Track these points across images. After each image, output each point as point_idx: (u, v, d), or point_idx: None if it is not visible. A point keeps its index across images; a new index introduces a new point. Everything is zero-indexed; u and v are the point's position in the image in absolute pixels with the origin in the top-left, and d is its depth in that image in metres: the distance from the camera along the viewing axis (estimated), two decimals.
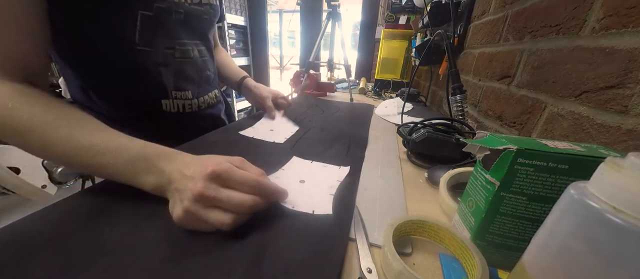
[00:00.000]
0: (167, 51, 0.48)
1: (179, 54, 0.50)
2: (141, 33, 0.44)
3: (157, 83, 0.49)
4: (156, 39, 0.46)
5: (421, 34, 1.15)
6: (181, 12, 0.48)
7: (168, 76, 0.50)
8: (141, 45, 0.44)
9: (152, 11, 0.43)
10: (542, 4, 0.46)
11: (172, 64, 0.50)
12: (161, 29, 0.46)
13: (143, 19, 0.43)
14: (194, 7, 0.50)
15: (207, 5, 0.54)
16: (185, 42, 0.51)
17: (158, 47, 0.47)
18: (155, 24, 0.44)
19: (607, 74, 0.33)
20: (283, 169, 0.40)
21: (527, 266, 0.18)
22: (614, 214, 0.13)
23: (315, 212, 0.30)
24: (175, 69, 0.50)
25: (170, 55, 0.49)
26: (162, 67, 0.48)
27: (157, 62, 0.47)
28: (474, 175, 0.26)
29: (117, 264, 0.22)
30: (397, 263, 0.22)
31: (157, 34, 0.46)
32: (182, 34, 0.50)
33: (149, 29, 0.44)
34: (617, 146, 0.31)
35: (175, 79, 0.51)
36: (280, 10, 4.55)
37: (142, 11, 0.42)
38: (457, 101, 0.60)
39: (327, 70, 1.39)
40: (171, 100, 0.52)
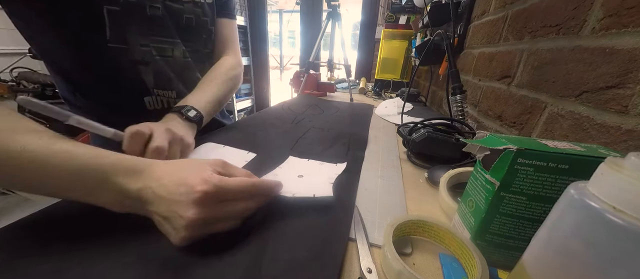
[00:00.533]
0: (144, 48, 0.45)
1: (156, 52, 0.47)
2: (112, 29, 0.41)
3: (137, 82, 0.47)
4: (129, 36, 0.43)
5: (421, 34, 1.15)
6: (158, 7, 0.45)
7: (148, 75, 0.47)
8: (113, 42, 0.42)
9: (118, 5, 0.40)
10: (542, 4, 0.46)
11: (152, 62, 0.47)
12: (133, 24, 0.43)
13: (110, 14, 0.40)
14: (172, 5, 0.47)
15: (190, 4, 0.50)
16: (162, 39, 0.48)
17: (133, 43, 0.44)
18: (126, 19, 0.42)
19: (607, 74, 0.33)
20: (280, 167, 0.40)
21: (527, 266, 0.18)
22: (614, 214, 0.13)
23: (317, 195, 0.30)
24: (155, 68, 0.48)
25: (148, 53, 0.46)
26: (141, 66, 0.46)
27: (135, 60, 0.45)
28: (474, 175, 0.26)
29: (116, 265, 0.22)
30: (397, 263, 0.22)
31: (129, 30, 0.43)
32: (160, 31, 0.47)
33: (119, 24, 0.41)
34: (617, 146, 0.31)
35: (155, 78, 0.48)
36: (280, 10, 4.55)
37: (107, 6, 0.39)
38: (457, 101, 0.60)
39: (327, 70, 1.40)
40: (154, 97, 0.49)
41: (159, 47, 0.47)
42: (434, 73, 1.11)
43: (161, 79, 0.49)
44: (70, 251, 0.23)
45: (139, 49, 0.45)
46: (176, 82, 0.52)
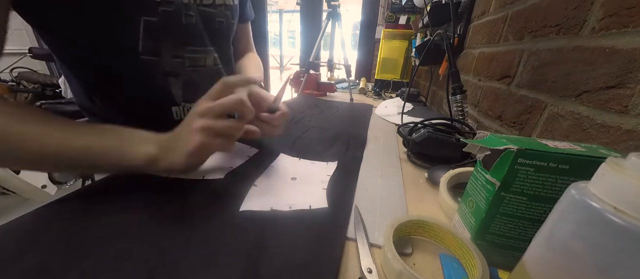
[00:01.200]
0: (176, 60, 0.44)
1: (189, 62, 0.46)
2: (145, 41, 0.39)
3: (165, 93, 0.45)
4: (163, 47, 0.42)
5: (421, 34, 1.15)
6: (192, 15, 0.43)
7: (177, 87, 0.46)
8: (145, 54, 0.40)
9: (156, 16, 0.39)
10: (542, 4, 0.46)
11: (182, 73, 0.46)
12: (168, 35, 0.41)
13: (146, 25, 0.38)
14: (205, 9, 0.45)
15: (222, 7, 0.48)
16: (196, 49, 0.46)
17: (165, 55, 0.42)
18: (161, 30, 0.40)
19: (607, 74, 0.33)
20: (272, 166, 0.41)
21: (528, 266, 0.18)
22: (614, 214, 0.13)
23: (312, 207, 0.31)
24: (184, 79, 0.46)
25: (180, 64, 0.45)
26: (170, 78, 0.44)
27: (165, 72, 0.43)
28: (474, 175, 0.26)
29: (112, 265, 0.22)
30: (397, 263, 0.22)
31: (164, 41, 0.41)
32: (194, 40, 0.45)
33: (154, 36, 0.40)
34: (617, 146, 0.31)
35: (184, 91, 0.47)
36: (280, 10, 4.55)
37: (145, 17, 0.38)
38: (457, 101, 0.60)
39: (327, 70, 1.40)
40: (180, 107, 0.48)
41: (192, 57, 0.46)
42: (434, 73, 1.11)
43: (190, 91, 0.48)
44: (68, 250, 0.23)
45: (171, 60, 0.43)
46: (204, 93, 0.51)
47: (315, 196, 0.33)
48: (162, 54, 0.42)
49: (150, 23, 0.38)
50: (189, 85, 0.47)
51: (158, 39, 0.41)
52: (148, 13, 0.38)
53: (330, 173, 0.39)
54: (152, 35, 0.39)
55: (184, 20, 0.42)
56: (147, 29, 0.39)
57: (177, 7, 0.41)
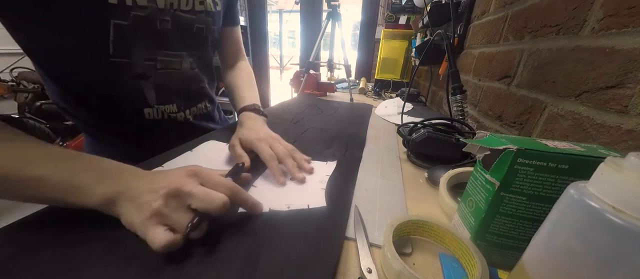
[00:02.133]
0: (147, 63, 0.44)
1: (161, 65, 0.45)
2: (115, 43, 0.39)
3: (137, 95, 0.45)
4: (134, 50, 0.41)
5: (421, 34, 1.15)
6: (167, 20, 0.42)
7: (149, 89, 0.46)
8: (116, 56, 0.40)
9: (127, 20, 0.38)
10: (542, 4, 0.46)
11: (153, 76, 0.45)
12: (140, 39, 0.41)
13: (117, 28, 0.38)
14: (184, 15, 0.45)
15: (202, 13, 0.47)
16: (170, 53, 0.46)
17: (136, 58, 0.42)
18: (133, 33, 0.40)
19: (607, 74, 0.33)
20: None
21: (527, 266, 0.18)
22: (614, 214, 0.13)
23: (311, 206, 0.31)
24: (156, 81, 0.46)
25: (151, 67, 0.44)
26: (142, 80, 0.44)
27: (136, 74, 0.43)
28: (474, 175, 0.26)
29: (115, 263, 0.22)
30: (397, 263, 0.22)
31: (135, 44, 0.41)
32: (168, 45, 0.45)
33: (124, 39, 0.39)
34: (617, 146, 0.31)
35: (157, 93, 0.47)
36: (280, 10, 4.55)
37: (115, 21, 0.37)
38: (457, 101, 0.60)
39: (327, 70, 1.40)
40: (154, 109, 0.48)
41: (165, 61, 0.46)
42: (434, 73, 1.11)
43: (162, 93, 0.48)
44: (68, 250, 0.23)
45: (142, 63, 0.43)
46: (178, 95, 0.51)
47: (313, 195, 0.33)
48: (133, 56, 0.42)
49: (121, 26, 0.38)
50: (161, 88, 0.47)
51: (129, 42, 0.40)
52: (118, 17, 0.37)
53: (329, 173, 0.39)
54: (122, 38, 0.39)
55: (159, 25, 0.42)
56: (117, 32, 0.38)
57: (151, 12, 0.40)
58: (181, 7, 0.44)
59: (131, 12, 0.38)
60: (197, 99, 0.56)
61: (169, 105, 0.50)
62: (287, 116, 0.73)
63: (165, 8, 0.42)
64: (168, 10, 0.42)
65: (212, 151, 0.45)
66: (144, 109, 0.47)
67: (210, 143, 0.48)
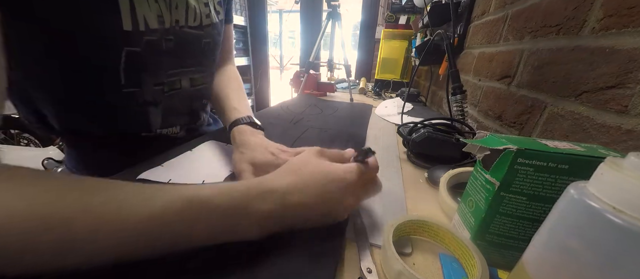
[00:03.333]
0: (157, 88, 0.41)
1: (168, 87, 0.43)
2: (126, 73, 0.36)
3: (141, 122, 0.43)
4: (145, 77, 0.39)
5: (421, 34, 1.15)
6: (171, 39, 0.40)
7: (156, 115, 0.43)
8: (128, 87, 0.37)
9: (140, 46, 0.36)
10: (542, 4, 0.46)
11: (163, 101, 0.43)
12: (150, 64, 0.39)
13: (129, 55, 0.35)
14: (190, 32, 0.42)
15: (209, 27, 0.45)
16: (173, 72, 0.43)
17: (147, 85, 0.40)
18: (144, 59, 0.37)
19: (607, 74, 0.33)
20: None
21: (527, 266, 0.18)
22: (613, 214, 0.13)
23: None
24: (165, 106, 0.44)
25: (160, 92, 0.42)
26: (150, 107, 0.42)
27: (145, 101, 0.41)
28: (474, 175, 0.26)
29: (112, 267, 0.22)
30: (397, 263, 0.22)
31: (146, 69, 0.39)
32: (171, 64, 0.43)
33: (136, 66, 0.37)
34: (617, 146, 0.31)
35: (163, 117, 0.45)
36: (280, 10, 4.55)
37: (128, 48, 0.35)
38: (457, 101, 0.60)
39: (327, 70, 1.40)
40: (153, 134, 0.46)
41: (170, 82, 0.44)
42: (434, 73, 1.11)
43: (168, 117, 0.46)
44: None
45: (152, 89, 0.41)
46: (181, 115, 0.49)
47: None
48: (144, 84, 0.39)
49: (133, 53, 0.36)
50: (167, 110, 0.45)
51: (140, 69, 0.38)
52: (131, 44, 0.35)
53: None
54: (134, 67, 0.37)
55: (164, 46, 0.39)
56: (129, 60, 0.36)
57: (159, 35, 0.38)
58: (189, 23, 0.42)
59: (144, 37, 0.36)
60: (198, 115, 0.54)
61: (171, 128, 0.48)
62: (287, 116, 0.73)
63: (171, 27, 0.39)
64: (173, 29, 0.40)
65: (212, 151, 0.45)
66: (141, 133, 0.44)
67: (210, 143, 0.48)
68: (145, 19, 0.35)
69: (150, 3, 0.36)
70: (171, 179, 0.35)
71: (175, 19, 0.40)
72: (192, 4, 0.41)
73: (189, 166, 0.40)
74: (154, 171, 0.36)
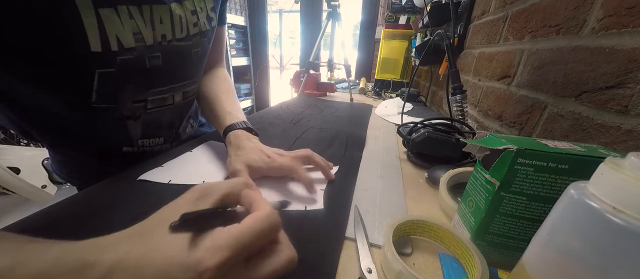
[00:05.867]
0: (137, 105, 0.40)
1: (153, 105, 0.42)
2: (99, 92, 0.35)
3: (120, 134, 0.42)
4: (121, 95, 0.37)
5: (421, 34, 1.15)
6: (158, 55, 0.38)
7: (135, 128, 0.42)
8: (99, 103, 0.36)
9: (113, 67, 0.34)
10: (542, 4, 0.46)
11: (142, 116, 0.41)
12: (128, 82, 0.37)
13: (102, 77, 0.34)
14: (178, 44, 0.40)
15: (197, 36, 0.42)
16: (162, 89, 0.41)
17: (124, 102, 0.38)
18: (119, 79, 0.35)
19: (607, 74, 0.33)
20: None
21: (527, 266, 0.18)
22: (613, 214, 0.13)
23: (308, 208, 0.31)
24: (145, 120, 0.42)
25: (141, 108, 0.41)
26: (129, 121, 0.40)
27: (124, 116, 0.39)
28: (474, 175, 0.26)
29: None
30: (397, 263, 0.22)
31: (123, 88, 0.37)
32: (159, 81, 0.41)
33: (110, 86, 0.35)
34: (617, 146, 0.31)
35: (144, 130, 0.43)
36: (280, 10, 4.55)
37: (100, 70, 0.33)
38: (457, 101, 0.60)
39: (327, 70, 1.40)
40: (136, 147, 0.44)
41: (157, 99, 0.42)
42: (434, 73, 1.11)
43: (150, 129, 0.44)
44: None
45: (130, 106, 0.39)
46: (168, 129, 0.47)
47: (311, 198, 0.33)
48: (120, 101, 0.38)
49: (106, 74, 0.34)
50: (149, 125, 0.43)
51: (115, 88, 0.36)
52: (104, 65, 0.33)
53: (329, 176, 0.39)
54: (108, 86, 0.35)
55: (147, 64, 0.37)
56: (102, 80, 0.34)
57: (139, 53, 0.35)
58: (176, 36, 0.39)
59: (117, 57, 0.33)
60: (186, 123, 0.52)
61: (155, 139, 0.46)
62: (287, 116, 0.73)
63: (155, 44, 0.37)
64: (159, 45, 0.37)
65: (212, 151, 0.45)
66: (122, 147, 0.43)
67: (209, 143, 0.48)
68: (118, 38, 0.33)
69: (124, 21, 0.33)
70: (171, 180, 0.35)
71: (160, 34, 0.37)
72: (177, 14, 0.38)
73: (188, 166, 0.40)
74: (154, 171, 0.36)
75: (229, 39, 1.95)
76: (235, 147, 0.39)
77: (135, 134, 0.43)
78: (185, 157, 0.42)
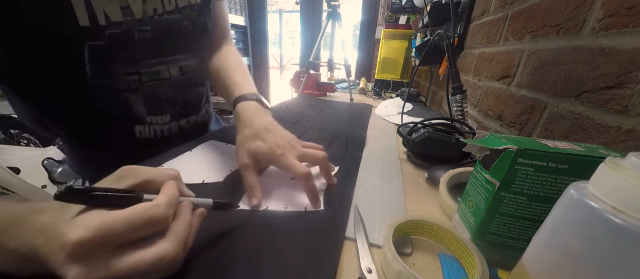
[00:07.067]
0: (131, 77, 0.40)
1: (147, 77, 0.42)
2: (92, 66, 0.36)
3: (124, 111, 0.42)
4: (113, 68, 0.38)
5: (421, 34, 1.15)
6: (147, 29, 0.39)
7: (137, 102, 0.42)
8: (95, 77, 0.37)
9: (103, 40, 0.35)
10: (542, 4, 0.46)
11: (140, 88, 0.42)
12: (118, 56, 0.38)
13: (92, 50, 0.35)
14: (167, 18, 0.41)
15: (186, 9, 0.43)
16: (154, 61, 0.42)
17: (118, 75, 0.39)
18: (109, 52, 0.36)
19: (607, 74, 0.33)
20: (272, 166, 0.40)
21: (527, 266, 0.18)
22: (613, 214, 0.13)
23: (308, 209, 0.31)
24: (145, 93, 0.42)
25: (136, 81, 0.41)
26: (127, 94, 0.41)
27: (120, 89, 0.40)
28: (474, 175, 0.26)
29: None
30: (397, 263, 0.22)
31: (113, 62, 0.38)
32: (149, 54, 0.41)
33: (102, 60, 0.36)
34: (617, 146, 0.31)
35: (147, 105, 0.43)
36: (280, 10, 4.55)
37: (90, 42, 0.34)
38: (457, 101, 0.60)
39: (327, 70, 1.40)
40: (146, 126, 0.44)
41: (150, 72, 0.42)
42: (434, 73, 1.11)
43: (152, 104, 0.44)
44: None
45: (124, 78, 0.40)
46: (172, 105, 0.47)
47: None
48: (113, 75, 0.39)
49: (96, 47, 0.35)
50: (150, 98, 0.43)
51: (106, 62, 0.37)
52: (93, 38, 0.34)
53: None
54: (99, 60, 0.36)
55: (136, 37, 0.38)
56: (93, 53, 0.35)
57: (127, 27, 0.36)
58: (166, 9, 0.40)
59: (106, 31, 0.35)
60: (196, 108, 0.52)
61: (161, 116, 0.46)
62: (287, 116, 0.73)
63: (145, 17, 0.38)
64: (149, 19, 0.39)
65: (212, 151, 0.45)
66: (134, 126, 0.44)
67: (210, 143, 0.48)
68: (106, 12, 0.34)
69: None
70: None
71: (152, 7, 0.39)
72: None
73: (189, 166, 0.40)
74: None
75: None
76: (243, 124, 0.37)
77: (140, 110, 0.43)
78: (185, 157, 0.42)
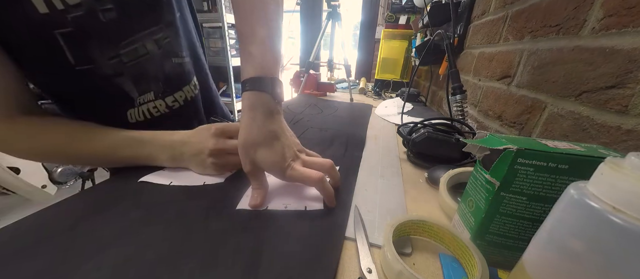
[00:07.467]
0: (113, 61, 0.39)
1: (128, 58, 0.40)
2: (73, 52, 0.35)
3: (119, 97, 0.42)
4: (92, 53, 0.37)
5: (421, 34, 1.15)
6: (110, 8, 0.36)
7: (127, 83, 0.42)
8: (80, 65, 0.36)
9: (69, 26, 0.34)
10: (542, 4, 0.46)
11: (125, 71, 0.40)
12: (92, 39, 0.36)
13: (65, 38, 0.34)
14: None
15: None
16: (129, 40, 0.40)
17: (99, 60, 0.38)
18: (82, 37, 0.35)
19: (607, 74, 0.33)
20: None
21: (527, 266, 0.18)
22: (613, 214, 0.13)
23: (308, 208, 0.31)
24: (131, 73, 0.41)
25: (119, 64, 0.39)
26: (116, 78, 0.40)
27: (107, 75, 0.39)
28: (474, 175, 0.26)
29: (111, 265, 0.22)
30: (397, 263, 0.22)
31: (90, 47, 0.36)
32: (123, 33, 0.39)
33: (77, 45, 0.35)
34: (617, 146, 0.31)
35: (136, 84, 0.43)
36: None
37: (58, 30, 0.33)
38: (457, 101, 0.60)
39: (327, 70, 1.40)
40: (136, 109, 0.44)
41: (129, 51, 0.40)
42: (434, 73, 1.11)
43: (141, 83, 0.43)
44: (67, 251, 0.23)
45: (107, 63, 0.38)
46: (155, 80, 0.45)
47: (312, 197, 0.33)
48: (95, 60, 0.37)
49: (66, 35, 0.34)
50: (138, 77, 0.42)
51: (83, 48, 0.36)
52: (58, 25, 0.33)
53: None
54: (75, 45, 0.35)
55: (102, 17, 0.36)
56: (68, 42, 0.35)
57: (87, 7, 0.34)
58: None
59: (67, 15, 0.33)
60: (178, 82, 0.48)
61: (147, 94, 0.44)
62: (287, 115, 0.73)
63: None
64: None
65: None
66: (127, 111, 0.43)
67: None
68: None
69: None
70: (172, 182, 0.35)
71: None
72: None
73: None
74: (156, 174, 0.37)
75: (229, 39, 1.94)
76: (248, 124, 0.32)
77: (132, 92, 0.43)
78: None
